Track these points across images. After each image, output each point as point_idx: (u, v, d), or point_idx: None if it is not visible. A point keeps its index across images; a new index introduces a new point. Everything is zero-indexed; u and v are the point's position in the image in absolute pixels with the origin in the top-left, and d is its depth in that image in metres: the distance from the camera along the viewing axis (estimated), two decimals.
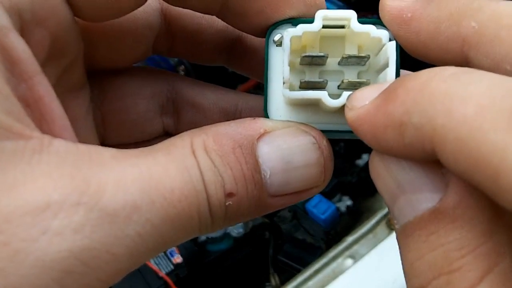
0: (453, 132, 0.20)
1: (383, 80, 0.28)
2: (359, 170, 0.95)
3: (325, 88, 0.29)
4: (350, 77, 0.30)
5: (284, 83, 0.28)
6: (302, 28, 0.28)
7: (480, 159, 0.19)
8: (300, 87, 0.29)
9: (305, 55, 0.29)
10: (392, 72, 0.27)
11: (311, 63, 0.30)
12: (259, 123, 0.28)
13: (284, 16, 0.29)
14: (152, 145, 0.27)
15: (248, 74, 0.39)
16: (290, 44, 0.28)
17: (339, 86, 0.30)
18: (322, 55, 0.29)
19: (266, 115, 0.30)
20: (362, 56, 0.29)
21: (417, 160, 0.24)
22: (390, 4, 0.27)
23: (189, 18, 0.35)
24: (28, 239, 0.21)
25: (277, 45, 0.30)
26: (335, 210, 0.89)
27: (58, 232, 0.22)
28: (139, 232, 0.23)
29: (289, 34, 0.28)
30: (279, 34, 0.29)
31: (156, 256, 0.84)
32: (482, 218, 0.22)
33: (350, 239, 0.82)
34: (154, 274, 0.83)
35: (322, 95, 0.28)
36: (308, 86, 0.29)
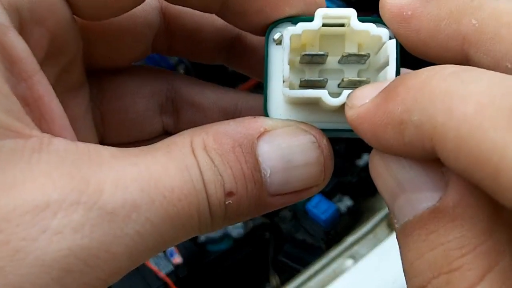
0: (453, 130, 0.20)
1: (383, 79, 0.28)
2: (359, 170, 0.95)
3: (325, 86, 0.29)
4: (350, 75, 0.30)
5: (284, 81, 0.28)
6: (302, 26, 0.28)
7: (480, 157, 0.19)
8: (300, 86, 0.29)
9: (305, 53, 0.29)
10: (392, 71, 0.27)
11: (311, 62, 0.30)
12: (259, 122, 0.28)
13: (283, 15, 0.29)
14: (152, 144, 0.27)
15: (248, 73, 0.39)
16: (290, 43, 0.28)
17: (339, 84, 0.30)
18: (322, 53, 0.29)
19: (266, 114, 0.30)
20: (362, 54, 0.29)
21: (417, 158, 0.24)
22: (390, 2, 0.27)
23: (188, 17, 0.35)
24: (27, 238, 0.21)
25: (276, 43, 0.30)
26: (335, 210, 0.89)
27: (57, 231, 0.22)
28: (139, 231, 0.23)
29: (288, 32, 0.28)
30: (279, 33, 0.29)
31: (155, 256, 0.84)
32: (482, 217, 0.22)
33: (350, 239, 0.82)
34: (154, 275, 0.83)
35: (322, 93, 0.28)
36: (308, 84, 0.29)
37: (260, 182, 0.27)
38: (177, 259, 0.85)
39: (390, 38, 0.28)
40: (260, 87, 0.96)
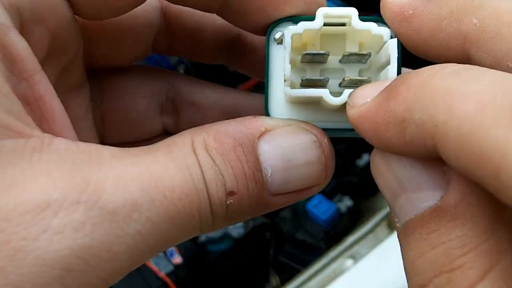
0: (454, 128, 0.20)
1: (384, 78, 0.28)
2: (359, 170, 0.95)
3: (326, 86, 0.29)
4: (351, 75, 0.30)
5: (285, 81, 0.28)
6: (303, 25, 0.28)
7: (482, 155, 0.19)
8: (301, 85, 0.29)
9: (306, 53, 0.29)
10: (393, 70, 0.27)
11: (312, 61, 0.30)
12: (259, 122, 0.28)
13: (284, 14, 0.29)
14: (152, 144, 0.27)
15: (249, 73, 0.39)
16: (291, 42, 0.28)
17: (340, 84, 0.30)
18: (323, 53, 0.29)
19: (267, 113, 0.30)
20: (363, 53, 0.29)
21: (418, 157, 0.24)
22: (391, 1, 0.27)
23: (189, 17, 0.35)
24: (28, 238, 0.21)
25: (277, 43, 0.30)
26: (336, 210, 0.89)
27: (58, 231, 0.22)
28: (139, 231, 0.23)
29: (290, 31, 0.28)
30: (280, 32, 0.29)
31: (155, 256, 0.84)
32: (484, 216, 0.22)
33: (350, 239, 0.82)
34: (154, 275, 0.83)
35: (323, 93, 0.28)
36: (309, 84, 0.29)
37: (261, 181, 0.27)
38: (177, 259, 0.85)
39: (391, 38, 0.28)
40: (260, 87, 0.96)
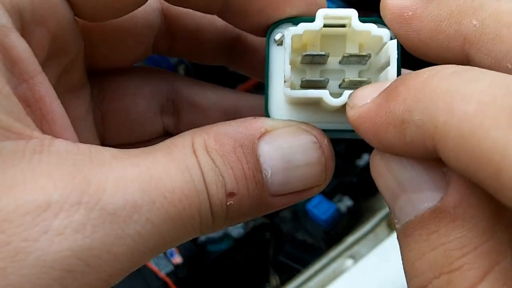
0: (454, 129, 0.20)
1: (384, 79, 0.28)
2: (359, 170, 0.95)
3: (326, 87, 0.29)
4: (351, 76, 0.30)
5: (285, 82, 0.28)
6: (303, 26, 0.28)
7: (482, 156, 0.19)
8: (301, 86, 0.29)
9: (306, 54, 0.29)
10: (393, 71, 0.27)
11: (312, 62, 0.30)
12: (260, 123, 0.28)
13: (284, 15, 0.29)
14: (153, 145, 0.27)
15: (249, 74, 0.39)
16: (291, 43, 0.28)
17: (340, 85, 0.30)
18: (323, 54, 0.29)
19: (267, 114, 0.30)
20: (363, 55, 0.29)
21: (418, 158, 0.24)
22: (391, 2, 0.27)
23: (189, 18, 0.35)
24: (29, 239, 0.21)
25: (278, 44, 0.30)
26: (336, 211, 0.89)
27: (59, 232, 0.22)
28: (140, 232, 0.23)
29: (290, 32, 0.28)
30: (280, 33, 0.29)
31: (156, 257, 0.84)
32: (483, 217, 0.22)
33: (350, 239, 0.82)
34: (154, 275, 0.83)
35: (323, 94, 0.28)
36: (309, 85, 0.29)
37: (261, 182, 0.27)
38: (177, 259, 0.85)
39: (391, 39, 0.28)
40: (260, 87, 0.96)
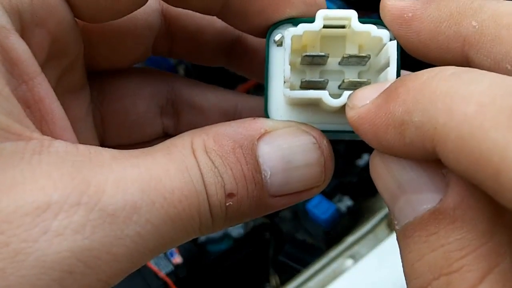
0: (454, 130, 0.20)
1: (383, 80, 0.28)
2: (359, 170, 0.95)
3: (325, 87, 0.29)
4: (351, 76, 0.30)
5: (284, 82, 0.28)
6: (303, 27, 0.28)
7: (481, 157, 0.19)
8: (300, 87, 0.29)
9: (305, 54, 0.29)
10: (393, 72, 0.27)
11: (312, 63, 0.30)
12: (259, 123, 0.28)
13: (284, 16, 0.29)
14: (152, 146, 0.27)
15: (248, 75, 0.39)
16: (291, 44, 0.28)
17: (339, 86, 0.30)
18: (322, 54, 0.29)
19: (266, 115, 0.30)
20: (363, 55, 0.29)
21: (417, 159, 0.24)
22: (391, 4, 0.27)
23: (189, 19, 0.35)
24: (28, 240, 0.21)
25: (277, 45, 0.30)
26: (336, 211, 0.89)
27: (58, 233, 0.22)
28: (139, 233, 0.23)
29: (290, 33, 0.28)
30: (280, 34, 0.29)
31: (155, 257, 0.84)
32: (483, 219, 0.22)
33: (350, 239, 0.82)
34: (154, 275, 0.83)
35: (323, 94, 0.28)
36: (308, 85, 0.29)
37: (260, 183, 0.27)
38: (177, 259, 0.85)
39: (391, 40, 0.28)
40: (260, 88, 0.96)
